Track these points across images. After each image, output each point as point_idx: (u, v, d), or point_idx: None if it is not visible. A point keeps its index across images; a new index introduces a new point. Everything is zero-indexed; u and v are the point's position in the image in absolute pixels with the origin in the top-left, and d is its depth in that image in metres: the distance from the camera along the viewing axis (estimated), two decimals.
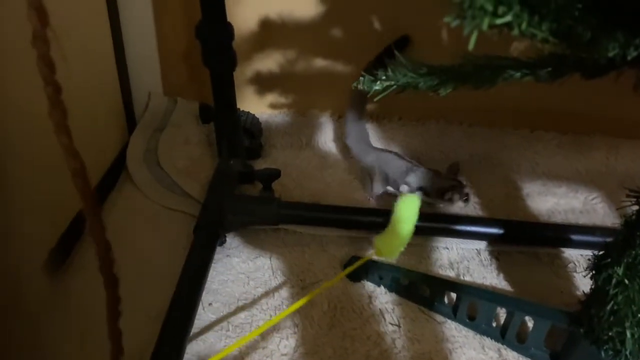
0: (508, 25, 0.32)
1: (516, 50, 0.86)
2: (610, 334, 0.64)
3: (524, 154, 1.11)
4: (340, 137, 1.12)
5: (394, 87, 0.56)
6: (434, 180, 0.92)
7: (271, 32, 1.07)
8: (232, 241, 0.92)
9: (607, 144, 1.12)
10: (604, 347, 0.65)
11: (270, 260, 0.89)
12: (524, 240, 0.92)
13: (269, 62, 1.11)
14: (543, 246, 0.92)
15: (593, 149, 1.11)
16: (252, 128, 1.07)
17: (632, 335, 0.62)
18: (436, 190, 0.91)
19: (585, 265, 0.75)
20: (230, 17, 0.87)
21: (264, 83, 1.14)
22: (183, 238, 0.90)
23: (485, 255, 0.92)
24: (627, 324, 0.62)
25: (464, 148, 1.11)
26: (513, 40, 0.50)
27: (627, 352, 0.64)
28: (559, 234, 0.91)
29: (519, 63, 0.54)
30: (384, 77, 0.56)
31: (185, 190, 1.00)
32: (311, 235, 0.92)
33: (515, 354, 0.76)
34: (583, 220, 0.99)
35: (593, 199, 1.03)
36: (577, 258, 0.91)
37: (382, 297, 0.84)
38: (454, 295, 0.81)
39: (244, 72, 1.12)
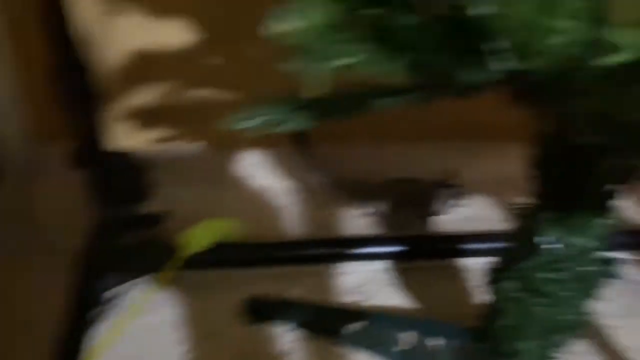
0: (354, 66, 0.29)
1: None
2: (512, 347, 0.65)
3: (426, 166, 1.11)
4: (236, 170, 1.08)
5: (264, 124, 0.53)
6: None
7: (148, 64, 1.01)
8: (119, 297, 0.84)
9: (495, 148, 1.15)
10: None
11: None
12: (423, 254, 0.92)
13: (148, 95, 1.04)
14: (444, 258, 0.92)
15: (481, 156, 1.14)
16: (135, 168, 0.99)
17: (529, 348, 0.63)
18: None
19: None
20: (99, 52, 0.80)
21: (145, 118, 1.07)
22: (62, 299, 0.81)
23: (388, 275, 0.91)
24: (523, 337, 0.62)
25: (371, 167, 1.09)
26: None
27: None
28: (456, 245, 0.92)
29: (390, 90, 0.53)
30: (254, 115, 0.52)
31: (62, 245, 0.91)
32: (209, 278, 0.87)
33: None
34: (479, 228, 1.01)
35: (488, 204, 1.05)
36: (478, 267, 0.92)
37: (288, 336, 0.80)
38: (361, 323, 0.79)
39: (121, 108, 1.04)
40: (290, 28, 0.27)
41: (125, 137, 1.07)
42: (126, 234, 0.92)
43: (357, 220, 1.00)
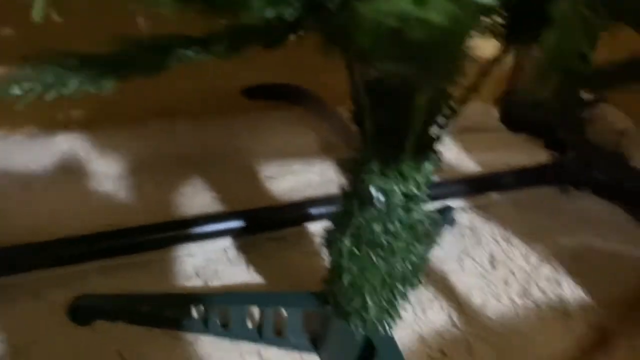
0: None
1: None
2: (353, 305, 0.63)
3: (257, 137, 1.07)
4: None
5: (39, 90, 0.44)
6: None
7: None
8: None
9: None
10: (352, 319, 0.64)
11: None
12: (267, 226, 0.88)
13: None
14: (286, 227, 0.89)
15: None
16: None
17: (373, 302, 0.62)
18: None
19: None
20: None
21: None
22: None
23: (232, 252, 0.86)
24: (365, 292, 0.61)
25: (195, 142, 1.03)
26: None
27: (372, 319, 0.63)
28: (299, 211, 0.89)
29: (189, 40, 0.46)
30: (21, 78, 0.43)
31: None
32: (17, 285, 0.74)
33: (276, 350, 0.72)
34: (322, 191, 0.99)
35: (328, 168, 1.04)
36: (322, 232, 0.91)
37: (118, 333, 0.71)
38: (203, 307, 0.73)
39: None
40: None
41: None
42: None
43: (195, 199, 0.93)
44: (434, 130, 0.52)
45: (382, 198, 0.53)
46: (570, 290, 0.87)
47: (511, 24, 0.42)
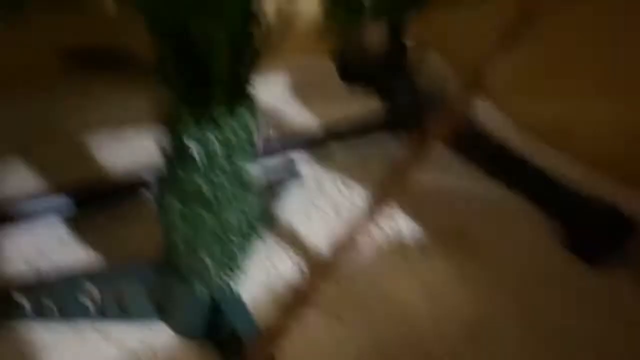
0: None
1: None
2: (192, 266, 0.62)
3: (83, 108, 0.99)
4: None
5: None
6: None
7: None
8: None
9: None
10: (194, 282, 0.63)
11: None
12: (98, 199, 0.83)
13: None
14: (120, 198, 0.84)
15: None
16: None
17: (211, 259, 0.61)
18: None
19: None
20: None
21: None
22: None
23: (62, 232, 0.80)
24: (202, 250, 0.60)
25: (10, 120, 0.92)
26: None
27: (214, 278, 0.62)
28: (132, 180, 0.84)
29: None
30: None
31: None
32: None
33: (124, 327, 0.68)
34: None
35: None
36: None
37: None
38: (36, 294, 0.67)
39: None
40: None
41: None
42: None
43: (15, 181, 0.85)
44: (242, 74, 0.51)
45: (199, 148, 0.52)
46: (406, 224, 0.93)
47: None
